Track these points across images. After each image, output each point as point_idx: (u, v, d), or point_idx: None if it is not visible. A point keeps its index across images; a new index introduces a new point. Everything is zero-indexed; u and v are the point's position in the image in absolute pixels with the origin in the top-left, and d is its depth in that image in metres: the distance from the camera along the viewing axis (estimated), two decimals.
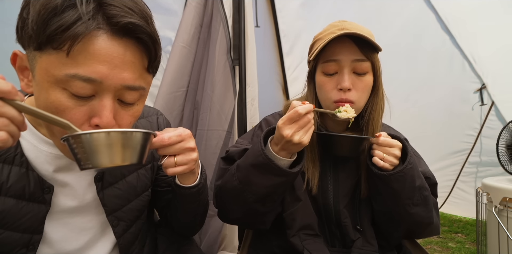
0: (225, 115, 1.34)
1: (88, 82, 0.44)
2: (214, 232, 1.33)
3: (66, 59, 0.43)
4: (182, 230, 0.79)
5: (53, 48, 0.43)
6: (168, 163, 0.56)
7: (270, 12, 2.38)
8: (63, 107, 0.45)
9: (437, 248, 2.12)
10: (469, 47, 2.06)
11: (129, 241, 0.68)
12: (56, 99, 0.44)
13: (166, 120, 0.79)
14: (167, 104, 1.35)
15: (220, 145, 1.33)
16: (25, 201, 0.54)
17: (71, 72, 0.43)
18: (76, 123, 0.46)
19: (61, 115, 0.45)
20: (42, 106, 0.46)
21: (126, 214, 0.66)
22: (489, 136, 2.18)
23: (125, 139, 0.44)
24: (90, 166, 0.43)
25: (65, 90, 0.44)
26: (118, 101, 0.49)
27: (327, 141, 0.79)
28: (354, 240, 0.81)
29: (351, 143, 0.77)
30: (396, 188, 0.73)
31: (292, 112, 0.65)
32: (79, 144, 0.42)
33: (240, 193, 0.72)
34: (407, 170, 0.72)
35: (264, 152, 0.67)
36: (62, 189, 0.58)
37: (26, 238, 0.54)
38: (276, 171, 0.68)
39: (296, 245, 0.80)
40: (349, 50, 0.76)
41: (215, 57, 1.33)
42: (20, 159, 0.54)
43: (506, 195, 1.46)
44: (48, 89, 0.44)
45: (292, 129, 0.65)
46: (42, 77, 0.45)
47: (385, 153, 0.73)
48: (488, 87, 2.09)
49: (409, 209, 0.75)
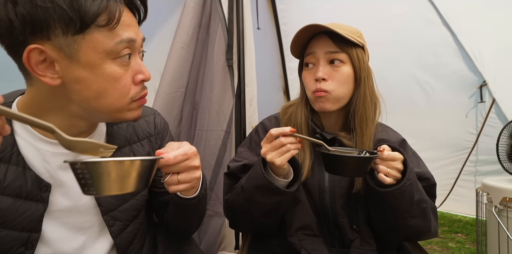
0: (224, 115, 1.34)
1: (130, 43, 0.52)
2: (214, 232, 1.33)
3: (108, 33, 0.50)
4: (178, 233, 0.79)
5: (98, 26, 0.49)
6: (171, 181, 0.56)
7: (271, 13, 2.40)
8: (120, 74, 0.52)
9: (437, 248, 2.12)
10: (470, 44, 2.04)
11: (127, 240, 0.68)
12: (113, 70, 0.51)
13: (163, 120, 0.79)
14: (166, 105, 1.35)
15: (219, 145, 1.33)
16: (22, 199, 0.54)
17: (118, 40, 0.51)
18: (128, 87, 0.54)
19: (119, 83, 0.52)
20: (99, 83, 0.51)
21: (122, 213, 0.66)
22: (490, 134, 2.17)
23: (131, 168, 0.43)
24: (94, 193, 0.42)
25: (115, 60, 0.51)
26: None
27: (330, 161, 0.72)
28: (352, 240, 0.82)
29: (358, 163, 0.69)
30: (394, 203, 0.72)
31: (268, 133, 0.70)
32: (83, 170, 0.41)
33: (247, 210, 0.78)
34: (406, 186, 0.69)
35: (265, 175, 0.71)
36: (59, 188, 0.58)
37: (24, 237, 0.55)
38: (276, 191, 0.72)
39: (294, 244, 0.81)
40: (324, 43, 0.81)
41: (214, 57, 1.34)
42: (17, 157, 0.54)
43: (506, 195, 1.46)
44: (102, 64, 0.50)
45: (267, 147, 0.70)
46: (92, 56, 0.49)
47: (389, 168, 0.70)
48: (489, 85, 2.07)
49: (407, 221, 0.74)
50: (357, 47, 0.81)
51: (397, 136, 0.91)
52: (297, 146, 0.71)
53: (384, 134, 0.90)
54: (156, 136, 0.75)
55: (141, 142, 0.71)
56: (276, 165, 0.69)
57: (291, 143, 0.69)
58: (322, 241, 0.82)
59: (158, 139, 0.75)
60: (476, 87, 2.14)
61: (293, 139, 0.70)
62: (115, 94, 0.53)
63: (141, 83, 0.56)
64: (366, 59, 0.83)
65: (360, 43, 0.81)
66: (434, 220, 0.81)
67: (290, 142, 0.69)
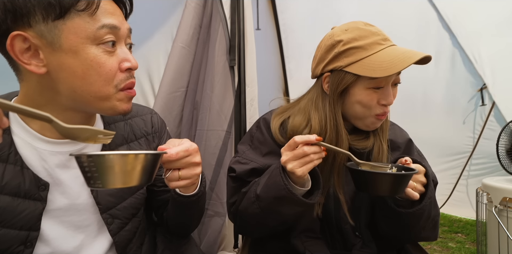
0: (225, 115, 1.34)
1: (113, 29, 0.52)
2: (214, 232, 1.33)
3: (90, 18, 0.50)
4: (177, 231, 0.80)
5: (78, 11, 0.49)
6: (172, 176, 0.56)
7: (271, 14, 2.40)
8: (103, 59, 0.52)
9: (437, 248, 2.12)
10: (470, 46, 2.05)
11: (126, 239, 0.68)
12: (95, 55, 0.51)
13: (160, 119, 0.79)
14: (166, 105, 1.35)
15: (220, 145, 1.33)
16: (21, 198, 0.55)
17: (99, 25, 0.51)
18: (113, 72, 0.53)
19: (103, 68, 0.52)
20: (83, 69, 0.51)
21: (121, 212, 0.66)
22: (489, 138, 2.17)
23: (136, 161, 0.44)
24: (100, 186, 0.43)
25: (98, 45, 0.51)
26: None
27: (362, 178, 0.64)
28: (355, 244, 0.82)
29: (396, 182, 0.60)
30: (412, 222, 0.70)
31: (291, 139, 0.65)
32: (89, 163, 0.42)
33: (262, 220, 0.74)
34: (426, 205, 0.66)
35: (287, 186, 0.66)
36: (57, 186, 0.58)
37: (23, 235, 0.55)
38: (299, 203, 0.69)
39: (297, 246, 0.81)
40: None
41: (215, 57, 1.34)
42: (15, 157, 0.54)
43: (506, 195, 1.46)
44: (84, 49, 0.50)
45: (288, 156, 0.65)
46: (73, 42, 0.50)
47: (415, 181, 0.66)
48: (489, 87, 2.07)
49: (419, 234, 0.73)
50: None
51: (404, 135, 0.88)
52: (321, 156, 0.65)
53: (391, 133, 0.86)
54: (153, 134, 0.75)
55: (138, 141, 0.71)
56: (297, 175, 0.64)
57: (315, 153, 0.64)
58: (324, 243, 0.82)
59: (156, 138, 0.75)
60: (476, 90, 2.15)
61: (317, 148, 0.64)
62: (100, 80, 0.53)
63: (127, 71, 0.56)
64: None
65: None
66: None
67: (313, 152, 0.64)
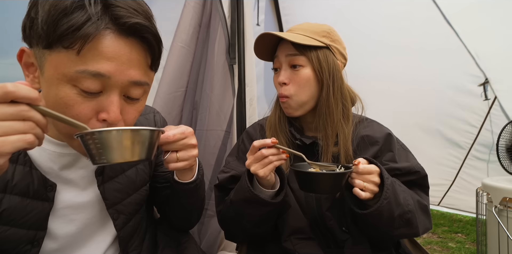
0: (224, 115, 1.34)
1: (97, 77, 0.46)
2: (214, 232, 1.33)
3: (75, 57, 0.45)
4: (179, 223, 0.82)
5: (63, 47, 0.45)
6: (170, 158, 0.60)
7: (273, 10, 2.39)
8: (72, 102, 0.47)
9: (437, 248, 2.12)
10: (472, 42, 2.04)
11: (129, 234, 0.70)
12: (66, 95, 0.47)
13: (162, 118, 0.82)
14: (166, 105, 1.35)
15: (219, 145, 1.33)
16: (29, 198, 0.56)
17: (81, 69, 0.45)
18: (84, 118, 0.48)
19: (70, 111, 0.47)
20: (51, 102, 0.48)
21: (125, 207, 0.68)
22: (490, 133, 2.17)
23: (136, 136, 0.47)
24: (105, 161, 0.45)
25: (75, 86, 0.47)
26: (124, 97, 0.52)
27: (302, 179, 0.70)
28: (344, 240, 0.81)
29: (330, 180, 0.66)
30: (374, 222, 0.72)
31: (252, 144, 0.72)
32: (94, 141, 0.45)
33: (238, 222, 0.80)
34: (383, 207, 0.68)
35: (250, 188, 0.73)
36: (65, 186, 0.60)
37: (31, 235, 0.57)
38: (263, 203, 0.74)
39: (288, 250, 0.81)
40: (285, 47, 0.82)
41: (214, 57, 1.33)
42: (24, 158, 0.56)
43: (506, 195, 1.46)
44: (58, 85, 0.47)
45: (250, 159, 0.72)
46: (51, 74, 0.47)
47: (365, 181, 0.68)
48: (491, 82, 2.07)
49: (391, 233, 0.74)
50: (319, 49, 0.80)
51: (383, 130, 0.88)
52: (280, 157, 0.71)
53: (368, 129, 0.86)
54: None
55: None
56: (259, 176, 0.71)
57: (273, 155, 0.70)
58: (316, 244, 0.82)
59: None
60: (477, 84, 2.14)
61: (275, 151, 0.70)
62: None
63: (104, 121, 0.50)
64: (332, 60, 0.81)
65: (324, 43, 0.80)
66: (425, 219, 0.78)
67: (271, 154, 0.70)
